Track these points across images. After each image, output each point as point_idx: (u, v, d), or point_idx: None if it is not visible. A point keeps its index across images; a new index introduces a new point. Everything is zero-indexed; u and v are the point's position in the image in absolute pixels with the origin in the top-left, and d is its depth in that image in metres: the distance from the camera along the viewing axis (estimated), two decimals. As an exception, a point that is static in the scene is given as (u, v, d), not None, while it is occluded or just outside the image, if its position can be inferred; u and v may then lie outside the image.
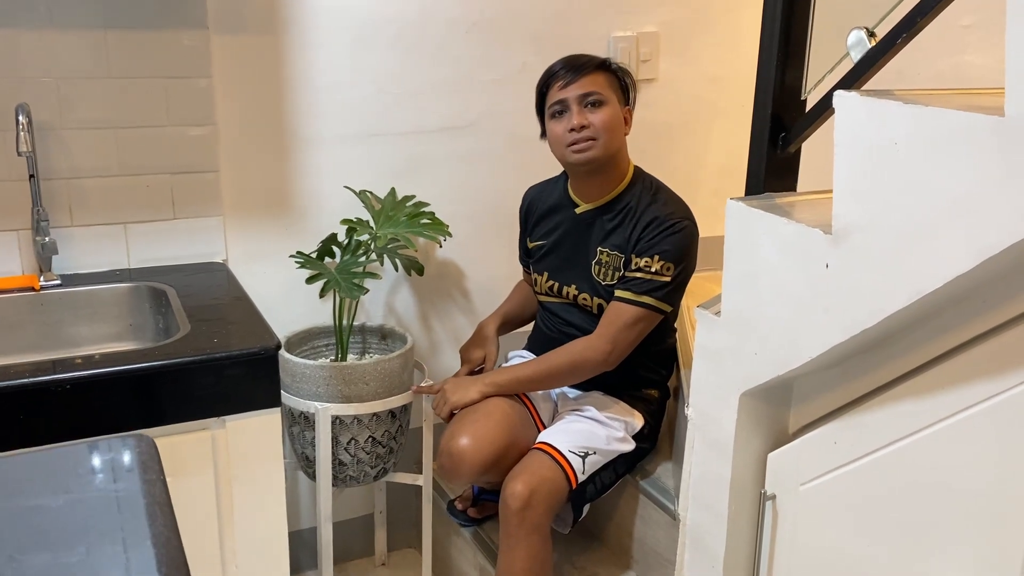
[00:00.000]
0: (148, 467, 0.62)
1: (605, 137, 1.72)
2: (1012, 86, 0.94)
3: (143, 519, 0.57)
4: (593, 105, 1.72)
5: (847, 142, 1.16)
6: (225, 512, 1.51)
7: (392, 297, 2.18)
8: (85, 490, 0.60)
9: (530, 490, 1.66)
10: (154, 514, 0.57)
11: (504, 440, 1.74)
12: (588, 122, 1.71)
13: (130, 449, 0.64)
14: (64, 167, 1.77)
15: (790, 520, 1.41)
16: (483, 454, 1.71)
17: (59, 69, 1.73)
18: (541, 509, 1.67)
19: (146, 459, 0.63)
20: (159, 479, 0.62)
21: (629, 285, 1.73)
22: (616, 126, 1.74)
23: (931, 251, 1.06)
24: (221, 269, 1.90)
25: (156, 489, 0.60)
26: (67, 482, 0.62)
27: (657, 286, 1.71)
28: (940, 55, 1.94)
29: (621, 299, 1.74)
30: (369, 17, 1.99)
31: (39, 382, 1.32)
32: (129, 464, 0.63)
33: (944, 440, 1.17)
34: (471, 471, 1.73)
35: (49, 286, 1.72)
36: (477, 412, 1.80)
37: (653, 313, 1.73)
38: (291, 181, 2.00)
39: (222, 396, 1.44)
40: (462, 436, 1.73)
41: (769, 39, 1.40)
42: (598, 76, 1.74)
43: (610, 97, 1.74)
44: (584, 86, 1.72)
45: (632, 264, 1.73)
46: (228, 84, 1.89)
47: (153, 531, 0.55)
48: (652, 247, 1.72)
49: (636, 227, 1.75)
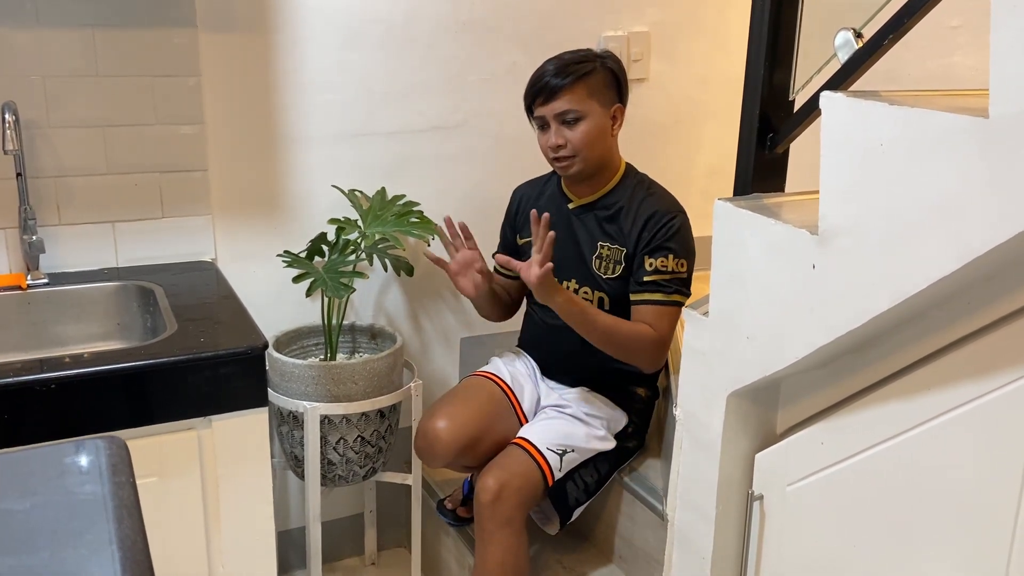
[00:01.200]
0: (118, 470, 0.62)
1: (584, 153, 1.74)
2: (995, 88, 0.95)
3: (110, 522, 0.56)
4: (571, 123, 1.72)
5: (833, 143, 1.16)
6: (212, 512, 1.51)
7: (382, 297, 2.18)
8: (53, 493, 0.60)
9: (500, 484, 1.69)
10: (121, 517, 0.57)
11: (480, 425, 1.79)
12: (565, 140, 1.73)
13: (100, 451, 0.64)
14: (52, 165, 1.76)
15: (777, 520, 1.42)
16: (457, 437, 1.76)
17: (47, 67, 1.72)
18: (513, 502, 1.69)
19: (116, 461, 0.63)
20: (128, 481, 0.62)
21: (657, 288, 1.74)
22: (595, 139, 1.74)
23: (915, 253, 1.06)
24: (209, 268, 1.90)
25: (124, 492, 0.60)
26: (35, 485, 0.62)
27: (681, 282, 1.76)
28: (929, 56, 1.94)
29: (655, 302, 1.74)
30: (358, 17, 1.98)
31: (25, 381, 1.32)
32: (99, 467, 0.63)
33: (928, 441, 1.18)
34: (445, 452, 1.77)
35: (36, 285, 1.72)
36: (457, 396, 1.86)
37: (681, 309, 1.75)
38: (280, 180, 2.00)
39: (209, 395, 1.44)
40: (439, 418, 1.78)
41: (757, 40, 1.41)
42: (577, 88, 1.71)
43: (589, 109, 1.73)
44: (561, 104, 1.71)
45: (647, 265, 1.74)
46: (217, 83, 1.88)
47: (119, 534, 0.55)
48: (663, 247, 1.74)
49: (635, 223, 1.76)
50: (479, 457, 1.81)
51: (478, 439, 1.79)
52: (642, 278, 1.75)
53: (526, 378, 1.94)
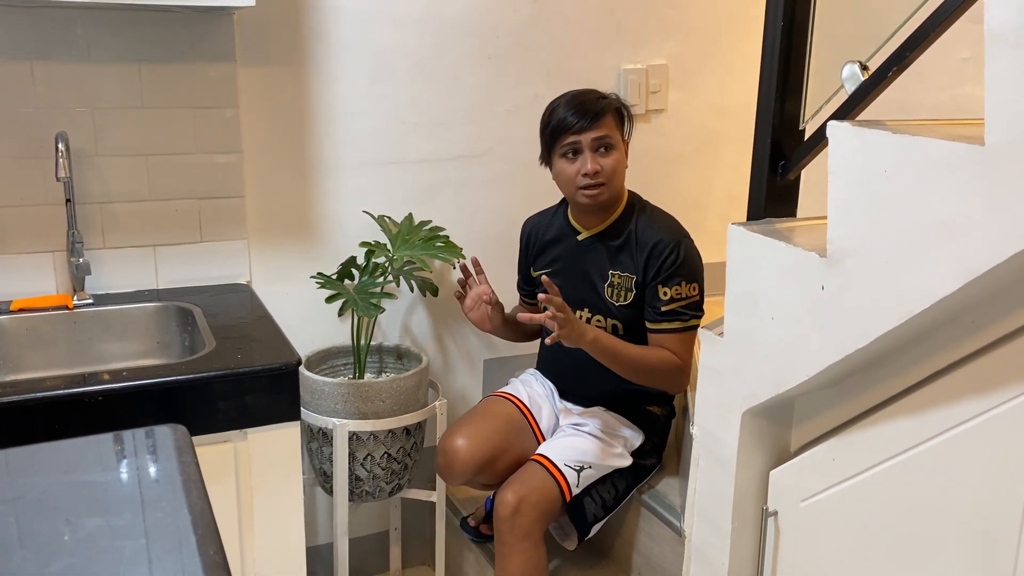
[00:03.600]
0: (183, 450, 0.69)
1: (614, 181, 1.81)
2: (990, 117, 1.00)
3: (180, 491, 0.64)
4: (605, 149, 1.79)
5: (840, 170, 1.22)
6: (246, 523, 1.57)
7: (408, 318, 2.25)
8: (129, 468, 0.68)
9: (519, 498, 1.73)
10: (189, 488, 0.64)
11: (499, 443, 1.84)
12: (600, 167, 1.78)
13: (167, 435, 0.71)
14: (98, 192, 1.86)
15: (792, 536, 1.45)
16: (476, 455, 1.81)
17: (96, 100, 1.82)
18: (531, 516, 1.74)
19: (181, 444, 0.70)
20: (193, 460, 0.69)
21: (676, 316, 1.80)
22: (622, 168, 1.82)
23: (919, 273, 1.11)
24: (245, 290, 1.98)
25: (190, 468, 0.67)
26: (114, 462, 0.69)
27: (695, 306, 1.81)
28: (941, 87, 2.00)
29: (676, 330, 1.80)
30: (388, 50, 2.07)
31: (72, 394, 1.39)
32: (166, 447, 0.70)
33: (936, 457, 1.21)
34: (464, 470, 1.82)
35: (82, 305, 1.80)
36: (476, 415, 1.91)
37: (698, 328, 1.80)
38: (313, 206, 2.08)
39: (245, 409, 1.51)
40: (459, 436, 1.83)
41: (769, 71, 1.47)
42: (609, 118, 1.79)
43: (617, 140, 1.81)
44: (599, 131, 1.77)
45: (662, 295, 1.80)
46: (253, 113, 1.97)
47: (189, 501, 0.62)
48: (675, 275, 1.79)
49: (642, 250, 1.82)
50: (497, 475, 1.85)
51: (496, 457, 1.84)
52: (660, 308, 1.80)
53: (544, 399, 1.99)
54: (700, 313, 1.82)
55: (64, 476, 0.66)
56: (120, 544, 0.58)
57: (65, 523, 0.60)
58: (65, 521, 0.60)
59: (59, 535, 0.58)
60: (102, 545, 0.58)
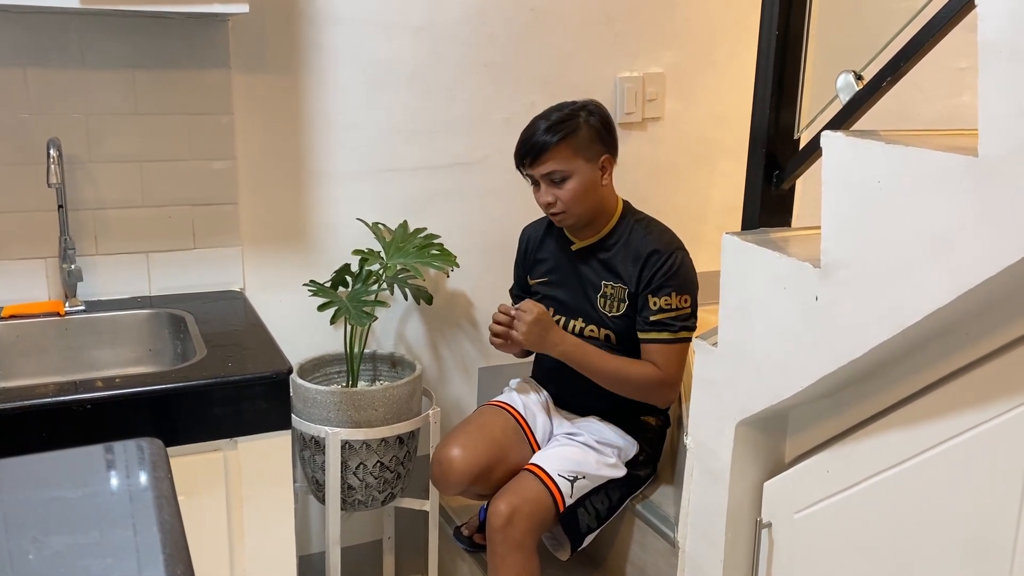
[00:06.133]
0: (157, 466, 0.68)
1: (573, 208, 1.81)
2: (984, 128, 0.99)
3: (151, 509, 0.63)
4: (558, 182, 1.79)
5: (834, 180, 1.21)
6: (236, 532, 1.55)
7: (402, 326, 2.24)
8: (100, 484, 0.67)
9: (512, 508, 1.73)
10: (161, 505, 0.63)
11: (494, 454, 1.83)
12: (555, 198, 1.79)
13: (141, 450, 0.70)
14: (91, 198, 1.85)
15: (785, 548, 1.44)
16: (471, 465, 1.80)
17: (89, 106, 1.82)
18: (524, 527, 1.73)
19: (155, 459, 0.69)
20: (167, 476, 0.68)
21: (664, 327, 1.79)
22: (583, 194, 1.79)
23: (912, 285, 1.10)
24: (238, 297, 1.97)
25: (163, 485, 0.66)
26: (85, 477, 0.68)
27: (685, 318, 1.80)
28: (939, 97, 1.99)
29: (663, 341, 1.79)
30: (384, 58, 2.07)
31: (62, 401, 1.38)
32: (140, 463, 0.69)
33: (930, 469, 1.20)
34: (459, 480, 1.80)
35: (74, 311, 1.80)
36: (471, 425, 1.90)
37: (689, 343, 1.81)
38: (307, 214, 2.08)
39: (235, 418, 1.50)
40: (453, 446, 1.82)
41: (763, 80, 1.46)
42: (561, 148, 1.76)
43: (574, 168, 1.78)
44: (546, 167, 1.78)
45: (651, 304, 1.79)
46: (248, 121, 1.97)
47: (160, 519, 0.61)
48: (665, 285, 1.78)
49: (636, 261, 1.81)
50: (493, 485, 1.84)
51: (491, 467, 1.83)
52: (649, 318, 1.79)
53: (539, 408, 1.98)
54: (691, 326, 1.81)
55: (33, 492, 0.65)
56: (86, 563, 0.57)
57: (31, 541, 0.59)
58: (32, 539, 0.59)
59: (24, 553, 0.58)
60: (68, 564, 0.57)
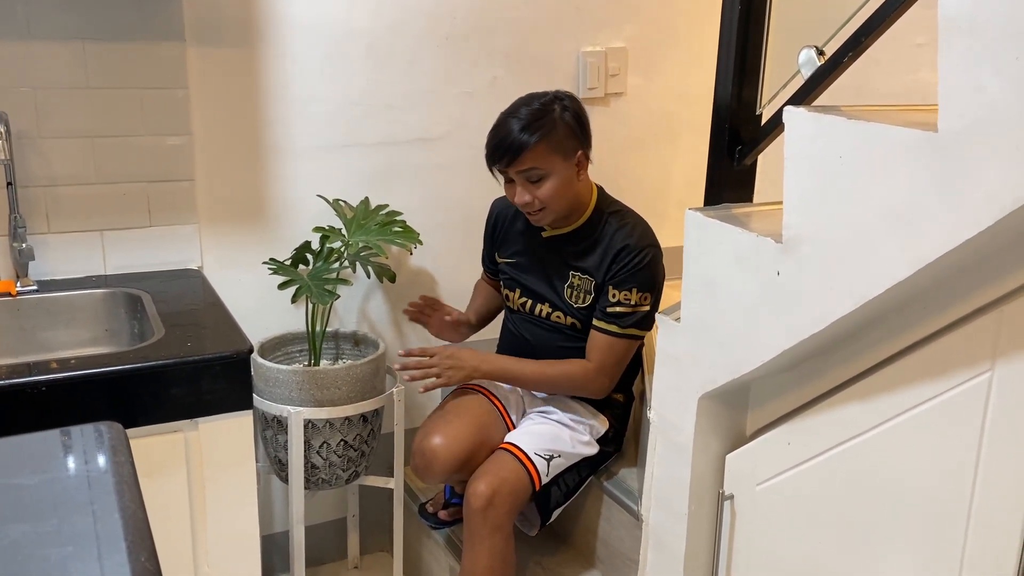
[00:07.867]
0: (117, 450, 0.67)
1: (552, 205, 1.76)
2: (944, 104, 1.00)
3: (112, 494, 0.61)
4: (535, 181, 1.74)
5: (796, 155, 1.22)
6: (198, 514, 1.54)
7: (365, 304, 2.22)
8: (60, 470, 0.65)
9: (492, 490, 1.72)
10: (122, 491, 0.62)
11: (475, 439, 1.81)
12: (533, 197, 1.75)
13: (101, 434, 0.68)
14: (41, 175, 1.80)
15: (747, 519, 1.46)
16: (454, 452, 1.78)
17: (37, 79, 1.76)
18: (504, 508, 1.72)
19: (115, 443, 0.68)
20: (127, 461, 0.67)
21: (615, 320, 1.78)
22: (562, 190, 1.75)
23: (872, 260, 1.12)
24: (196, 276, 1.93)
25: (124, 469, 0.65)
26: (43, 463, 0.66)
27: (640, 317, 1.78)
28: (897, 73, 2.01)
29: (610, 332, 1.79)
30: (342, 30, 2.03)
31: (15, 384, 1.34)
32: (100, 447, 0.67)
33: (887, 441, 1.23)
34: (443, 469, 1.78)
35: (26, 291, 1.75)
36: (449, 412, 1.88)
37: (638, 340, 1.82)
38: (265, 190, 2.04)
39: (195, 399, 1.47)
40: (435, 435, 1.79)
41: (726, 56, 1.47)
42: (539, 147, 1.71)
43: (552, 166, 1.73)
44: (524, 164, 1.72)
45: (611, 296, 1.78)
46: (204, 95, 1.92)
47: (121, 505, 0.60)
48: (628, 280, 1.77)
49: (607, 255, 1.79)
50: (475, 471, 1.81)
51: (474, 452, 1.80)
52: (606, 308, 1.79)
53: (510, 387, 1.98)
54: (644, 326, 1.79)
55: (-12, 480, 0.63)
56: (45, 552, 0.55)
57: (-12, 529, 0.57)
58: (-12, 528, 0.57)
59: (-21, 544, 0.56)
60: (26, 553, 0.55)
